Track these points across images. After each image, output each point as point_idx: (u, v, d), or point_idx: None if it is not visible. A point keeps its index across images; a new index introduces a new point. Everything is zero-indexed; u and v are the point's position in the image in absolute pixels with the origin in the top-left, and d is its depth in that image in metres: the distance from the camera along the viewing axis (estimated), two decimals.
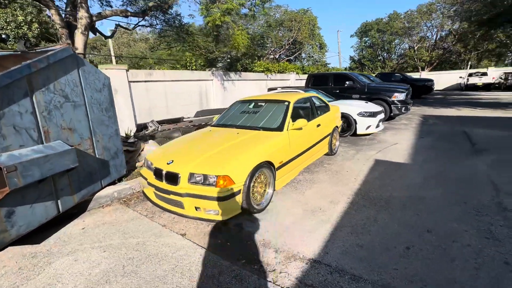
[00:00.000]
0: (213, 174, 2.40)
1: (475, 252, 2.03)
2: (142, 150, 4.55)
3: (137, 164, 4.18)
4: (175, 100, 7.74)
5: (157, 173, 2.68)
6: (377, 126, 6.42)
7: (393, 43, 28.71)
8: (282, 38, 19.26)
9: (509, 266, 1.87)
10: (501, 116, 8.32)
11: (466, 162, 4.14)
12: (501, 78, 19.86)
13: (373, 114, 6.26)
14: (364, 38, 30.99)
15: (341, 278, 1.82)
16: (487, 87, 19.85)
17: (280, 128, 3.31)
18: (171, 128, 6.14)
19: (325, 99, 5.43)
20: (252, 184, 2.60)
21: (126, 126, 6.04)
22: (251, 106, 4.09)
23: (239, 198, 2.48)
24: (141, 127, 6.28)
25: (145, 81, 6.85)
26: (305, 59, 24.22)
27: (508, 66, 26.01)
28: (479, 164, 4.00)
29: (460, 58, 26.85)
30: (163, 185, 2.59)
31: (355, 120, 6.20)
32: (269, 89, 9.34)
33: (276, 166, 2.97)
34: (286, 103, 3.69)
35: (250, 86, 10.99)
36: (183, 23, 8.81)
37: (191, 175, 2.47)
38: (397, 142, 5.63)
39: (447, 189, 3.20)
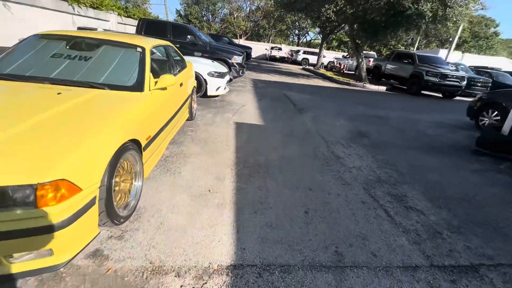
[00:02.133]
0: (26, 182, 1.13)
1: (345, 200, 2.43)
2: None
3: None
4: None
5: None
6: (225, 88, 6.43)
7: (217, 5, 29.78)
8: None
9: (365, 204, 2.40)
10: (300, 83, 11.12)
11: (298, 120, 5.06)
12: (288, 54, 26.63)
13: (221, 75, 6.10)
14: None
15: (273, 276, 1.51)
16: (282, 59, 26.07)
17: (138, 87, 2.20)
18: None
19: None
20: (113, 180, 1.56)
21: None
22: (68, 48, 2.46)
23: (93, 213, 1.40)
24: None
25: None
26: (124, 1, 19.69)
27: (291, 45, 35.17)
28: (306, 121, 5.02)
29: (266, 32, 32.89)
30: None
31: (205, 80, 5.77)
32: (80, 28, 6.59)
33: (143, 145, 1.99)
34: (140, 49, 2.51)
35: (44, 18, 7.24)
36: None
37: None
38: (244, 104, 5.92)
39: (300, 145, 3.70)
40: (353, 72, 17.32)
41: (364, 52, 13.40)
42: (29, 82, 1.97)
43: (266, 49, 27.90)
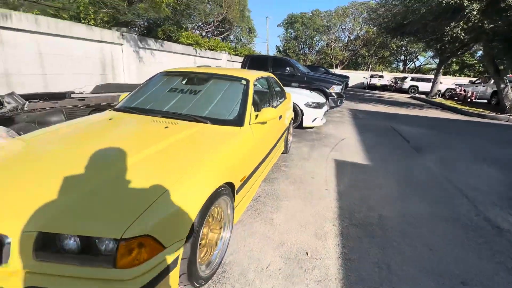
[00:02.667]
0: (108, 235, 0.97)
1: None
2: None
3: None
4: (59, 66, 5.20)
5: None
6: (321, 119, 5.97)
7: (314, 38, 30.63)
8: (210, 14, 17.23)
9: None
10: (411, 114, 9.41)
11: (416, 162, 3.95)
12: (391, 81, 23.89)
13: (319, 106, 5.71)
14: (289, 30, 31.94)
15: None
16: (383, 87, 23.61)
17: (239, 121, 2.04)
18: (49, 107, 3.90)
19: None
20: (200, 233, 1.30)
21: None
22: (184, 83, 2.62)
23: (173, 278, 1.15)
24: None
25: None
26: (234, 41, 22.93)
27: (394, 72, 31.76)
28: (430, 165, 3.85)
29: (364, 60, 31.10)
30: None
31: (302, 111, 5.50)
32: (198, 66, 7.73)
33: (236, 187, 1.73)
34: (244, 81, 2.42)
35: (175, 60, 8.99)
36: None
37: (43, 238, 0.97)
38: (344, 137, 5.24)
39: (428, 200, 2.72)
40: (486, 101, 13.62)
41: (508, 75, 10.28)
42: (147, 115, 2.10)
43: (364, 77, 26.14)
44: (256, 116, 2.18)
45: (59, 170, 1.24)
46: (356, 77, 26.93)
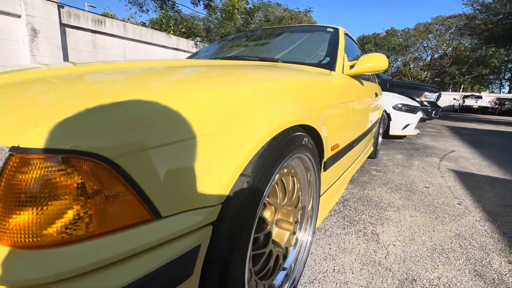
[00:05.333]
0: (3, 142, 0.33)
1: None
2: None
3: None
4: None
5: None
6: (414, 127, 4.67)
7: (389, 58, 28.19)
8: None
9: None
10: None
11: None
12: (495, 103, 19.40)
13: (412, 109, 4.48)
14: None
15: None
16: (482, 110, 19.31)
17: (328, 64, 1.30)
18: None
19: None
20: (258, 211, 0.55)
21: None
22: (253, 39, 2.01)
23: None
24: None
25: (92, 31, 4.67)
26: None
27: (495, 92, 26.17)
28: None
29: (454, 80, 26.68)
30: None
31: (388, 115, 4.37)
32: None
33: (325, 157, 0.95)
34: (331, 29, 1.70)
35: None
36: None
37: None
38: (453, 150, 3.84)
39: None
40: None
41: None
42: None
43: (454, 98, 22.19)
44: (351, 67, 1.40)
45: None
46: (444, 99, 23.04)
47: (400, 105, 4.40)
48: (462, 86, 26.58)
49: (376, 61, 1.34)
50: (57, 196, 0.32)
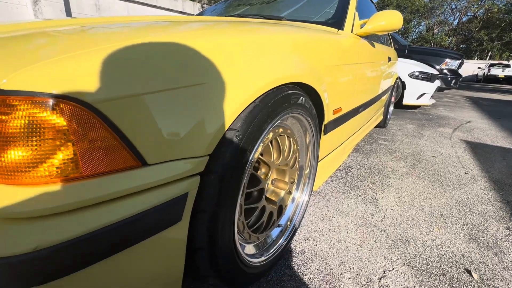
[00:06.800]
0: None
1: None
2: None
3: None
4: None
5: None
6: (430, 97, 4.46)
7: (411, 22, 26.00)
8: None
9: None
10: None
11: None
12: None
13: (429, 78, 4.23)
14: None
15: None
16: (509, 80, 17.97)
17: (336, 23, 1.22)
18: None
19: None
20: (249, 163, 0.57)
21: None
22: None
23: (170, 248, 0.45)
24: None
25: None
26: None
27: None
28: None
29: (481, 47, 24.59)
30: None
31: (403, 84, 4.16)
32: None
33: (326, 120, 0.93)
34: None
35: None
36: None
37: None
38: (469, 121, 3.68)
39: None
40: None
41: None
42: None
43: (479, 67, 20.72)
44: (362, 26, 1.30)
45: None
46: (467, 67, 21.52)
47: (416, 73, 4.16)
48: (489, 54, 24.52)
49: (390, 19, 1.24)
50: (39, 137, 0.34)
